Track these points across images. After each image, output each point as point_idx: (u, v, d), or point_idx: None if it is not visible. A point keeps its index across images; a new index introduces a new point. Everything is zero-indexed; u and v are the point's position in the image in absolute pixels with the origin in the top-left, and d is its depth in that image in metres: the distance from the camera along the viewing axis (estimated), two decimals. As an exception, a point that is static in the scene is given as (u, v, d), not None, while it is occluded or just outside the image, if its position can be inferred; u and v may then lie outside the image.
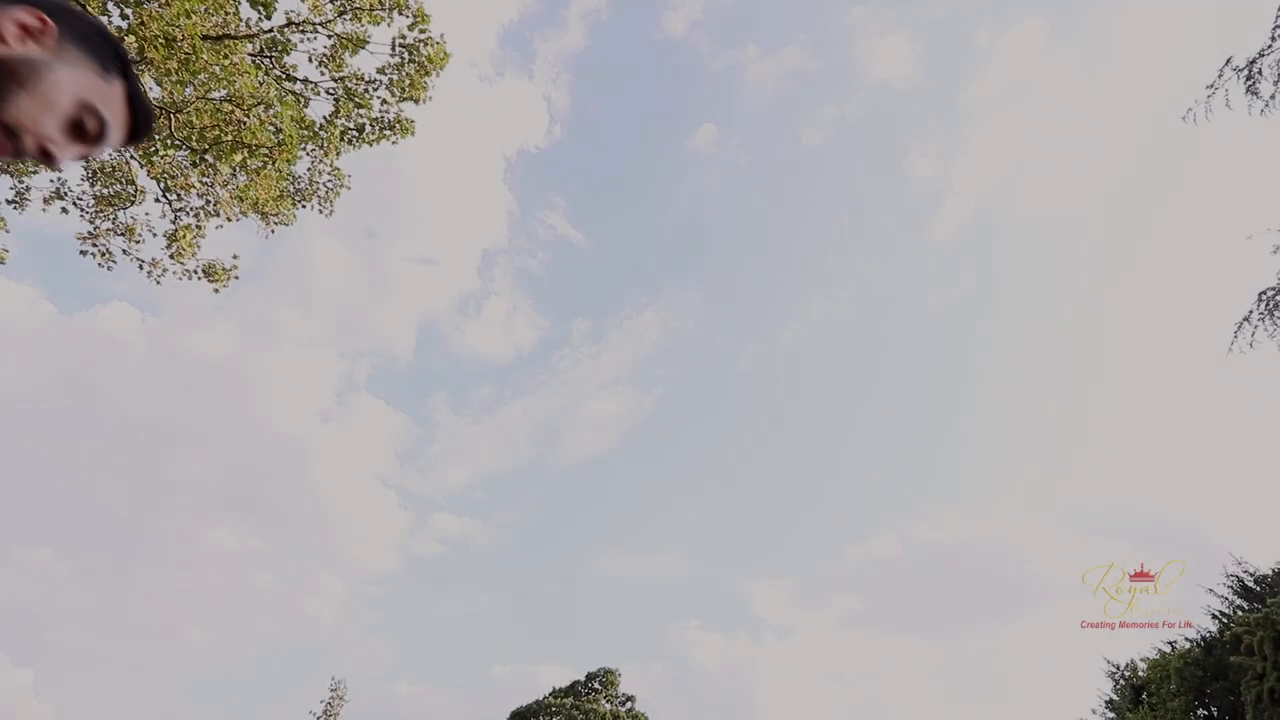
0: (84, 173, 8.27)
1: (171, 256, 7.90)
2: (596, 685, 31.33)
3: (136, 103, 0.77)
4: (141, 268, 7.88)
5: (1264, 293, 7.41)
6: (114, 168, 8.00)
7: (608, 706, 30.20)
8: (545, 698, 30.22)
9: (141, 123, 0.79)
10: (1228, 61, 8.86)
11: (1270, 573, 14.24)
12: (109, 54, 0.74)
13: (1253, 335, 7.67)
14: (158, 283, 7.88)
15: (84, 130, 0.73)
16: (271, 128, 5.97)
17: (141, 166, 7.64)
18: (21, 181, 8.46)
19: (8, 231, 8.68)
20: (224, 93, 6.25)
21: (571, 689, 31.12)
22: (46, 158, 0.72)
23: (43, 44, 0.68)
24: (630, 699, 30.96)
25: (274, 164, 5.94)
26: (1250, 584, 14.40)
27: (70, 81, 0.70)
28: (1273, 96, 8.45)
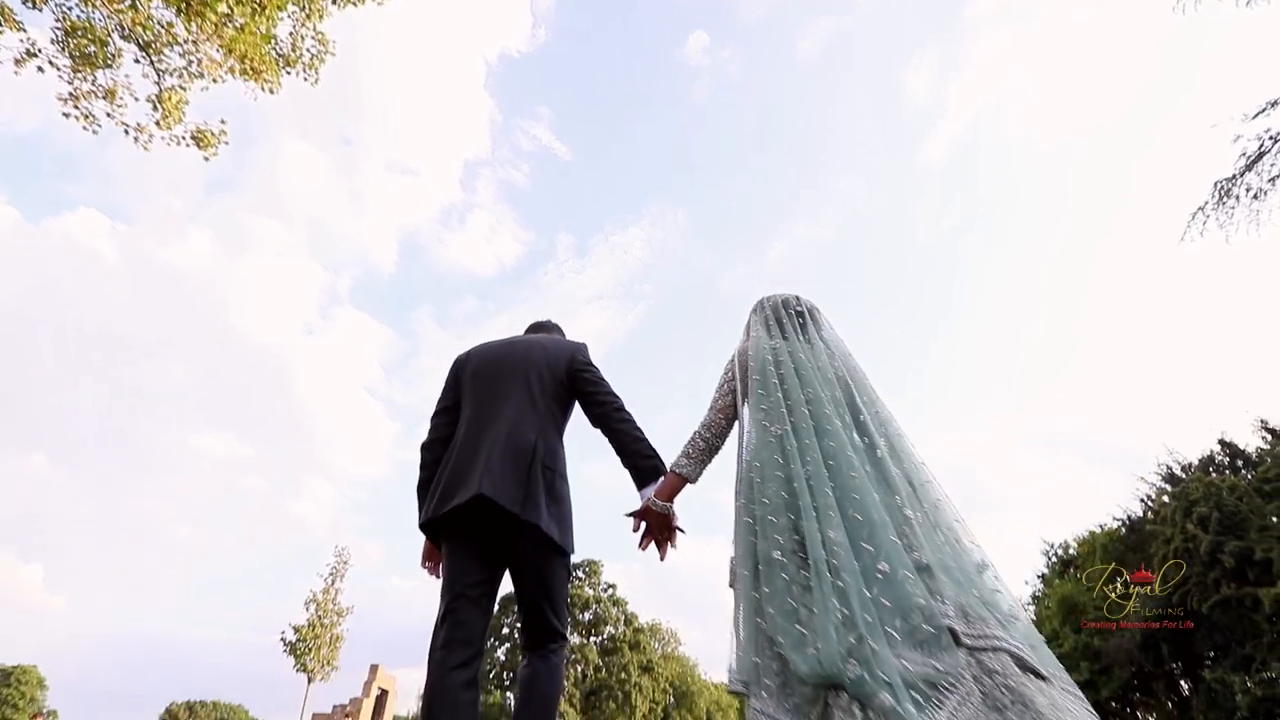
0: (53, 33, 7.96)
1: (158, 123, 7.81)
2: (580, 575, 33.72)
3: None
4: (127, 133, 7.79)
5: (1219, 181, 7.73)
6: (85, 27, 7.72)
7: (590, 592, 32.73)
8: (533, 585, 32.59)
9: None
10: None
11: (1195, 461, 15.65)
12: None
13: (1204, 224, 8.03)
14: (145, 149, 7.82)
15: None
16: (258, -26, 5.87)
17: (115, 29, 7.41)
18: (-12, 41, 8.12)
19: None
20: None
21: (557, 577, 33.55)
22: None
23: None
24: (612, 586, 33.51)
25: (264, 13, 5.89)
26: (1177, 471, 15.85)
27: None
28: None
